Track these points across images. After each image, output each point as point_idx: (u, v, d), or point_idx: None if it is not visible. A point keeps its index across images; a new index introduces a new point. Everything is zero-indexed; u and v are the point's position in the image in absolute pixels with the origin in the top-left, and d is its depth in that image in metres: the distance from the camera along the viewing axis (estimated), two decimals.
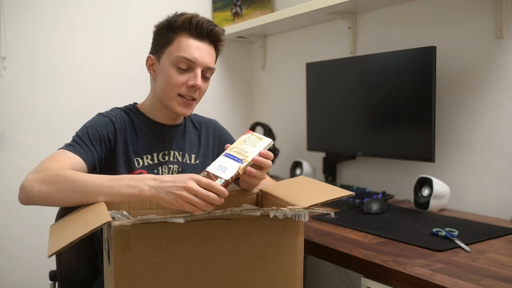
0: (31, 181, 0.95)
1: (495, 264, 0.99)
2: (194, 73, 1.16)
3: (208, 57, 1.19)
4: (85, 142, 1.11)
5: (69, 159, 1.05)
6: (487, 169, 1.47)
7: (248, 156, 1.01)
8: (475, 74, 1.49)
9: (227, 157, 1.01)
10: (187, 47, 1.16)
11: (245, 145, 1.04)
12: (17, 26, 1.79)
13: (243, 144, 1.05)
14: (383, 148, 1.64)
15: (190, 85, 1.16)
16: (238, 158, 1.00)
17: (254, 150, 1.03)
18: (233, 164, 0.99)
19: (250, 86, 2.53)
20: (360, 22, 1.87)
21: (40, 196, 0.94)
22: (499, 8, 1.39)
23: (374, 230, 1.26)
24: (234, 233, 0.85)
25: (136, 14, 2.06)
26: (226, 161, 1.00)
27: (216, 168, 0.98)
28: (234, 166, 0.98)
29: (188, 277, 0.81)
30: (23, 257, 1.82)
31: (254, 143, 1.05)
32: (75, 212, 0.90)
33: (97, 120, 1.18)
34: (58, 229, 0.85)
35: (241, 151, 1.02)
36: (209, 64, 1.19)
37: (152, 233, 0.79)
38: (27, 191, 0.95)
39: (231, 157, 1.01)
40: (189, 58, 1.15)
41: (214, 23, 1.20)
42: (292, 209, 0.85)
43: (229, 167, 0.98)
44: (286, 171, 2.21)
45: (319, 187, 1.06)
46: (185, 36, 1.17)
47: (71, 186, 0.93)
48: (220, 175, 0.96)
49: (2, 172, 1.78)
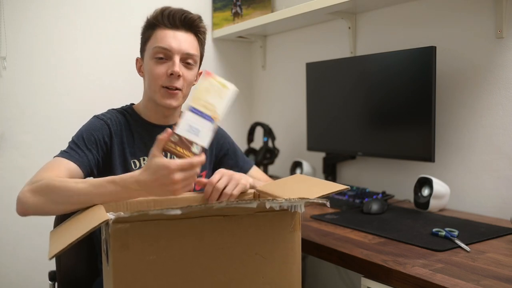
0: (25, 193, 0.97)
1: (495, 264, 0.99)
2: (172, 61, 1.16)
3: (186, 43, 1.18)
4: (80, 147, 1.12)
5: (64, 167, 1.06)
6: (487, 169, 1.47)
7: (217, 111, 0.94)
8: (475, 74, 1.49)
9: (195, 114, 0.93)
10: (162, 37, 1.16)
11: (210, 96, 0.94)
12: (17, 26, 1.79)
13: (207, 95, 0.94)
14: (383, 148, 1.64)
15: (169, 74, 1.16)
16: (208, 116, 0.92)
17: (222, 102, 0.94)
18: (204, 124, 0.92)
19: (250, 86, 2.53)
20: (360, 22, 1.87)
21: (34, 207, 0.96)
22: (499, 8, 1.39)
23: (374, 230, 1.26)
24: (231, 230, 0.85)
25: (136, 14, 2.06)
26: (196, 120, 0.92)
27: (187, 130, 0.91)
28: (206, 127, 0.92)
29: (186, 273, 0.82)
30: (23, 257, 1.82)
31: (220, 92, 0.95)
32: (74, 216, 0.91)
33: (92, 124, 1.18)
34: (58, 233, 0.86)
35: (208, 105, 0.93)
36: (187, 50, 1.17)
37: (150, 231, 0.79)
38: (22, 202, 0.97)
39: (200, 114, 0.92)
40: (164, 46, 1.15)
41: (187, 11, 1.20)
42: (288, 200, 0.85)
43: (201, 128, 0.92)
44: (286, 171, 2.21)
45: (315, 183, 1.06)
46: (161, 28, 1.18)
47: (61, 196, 0.93)
48: (195, 140, 0.91)
49: (2, 172, 1.78)
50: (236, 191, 1.07)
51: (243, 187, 1.08)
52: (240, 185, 1.08)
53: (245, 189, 1.09)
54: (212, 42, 2.34)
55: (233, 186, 1.07)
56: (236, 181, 1.07)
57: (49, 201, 0.94)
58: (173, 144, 0.90)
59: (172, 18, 1.17)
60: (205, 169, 1.32)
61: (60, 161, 1.08)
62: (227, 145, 1.39)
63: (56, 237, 0.84)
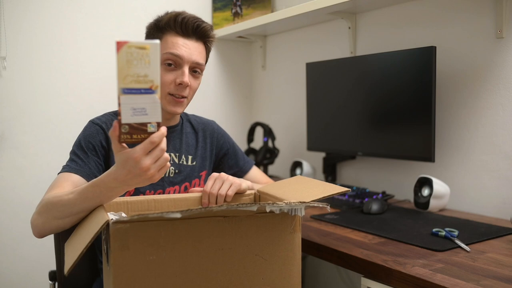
0: (34, 216, 1.00)
1: (495, 264, 0.99)
2: (182, 71, 1.16)
3: (196, 53, 1.18)
4: (81, 157, 1.12)
5: (68, 181, 1.07)
6: (487, 169, 1.47)
7: (153, 80, 0.79)
8: (475, 74, 1.49)
9: (131, 94, 0.78)
10: (174, 44, 1.15)
11: (135, 67, 0.78)
12: (17, 26, 1.79)
13: (131, 67, 0.78)
14: (383, 148, 1.64)
15: (178, 83, 1.16)
16: (145, 89, 0.78)
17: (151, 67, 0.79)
18: (146, 99, 0.78)
19: (250, 86, 2.53)
20: (360, 22, 1.87)
21: (44, 227, 0.98)
22: (499, 8, 1.39)
23: (374, 230, 1.26)
24: (231, 231, 0.85)
25: (137, 14, 2.06)
26: (136, 100, 0.78)
27: (132, 114, 0.78)
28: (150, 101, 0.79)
29: (186, 274, 0.82)
30: (23, 257, 1.82)
31: (143, 57, 0.78)
32: (80, 224, 0.93)
33: (88, 130, 1.18)
34: (70, 244, 0.87)
35: (138, 78, 0.78)
36: (197, 60, 1.18)
37: (150, 231, 0.79)
38: (34, 226, 0.99)
39: (136, 92, 0.78)
40: (175, 54, 1.15)
41: (200, 19, 1.19)
42: (288, 203, 0.85)
43: (145, 105, 0.79)
44: (286, 171, 2.21)
45: (315, 185, 1.06)
46: (172, 34, 1.17)
47: (59, 211, 0.94)
48: (145, 120, 0.79)
49: (2, 172, 1.78)
50: (231, 191, 1.07)
51: (237, 186, 1.08)
52: (235, 184, 1.08)
53: (240, 188, 1.10)
54: None
55: (227, 186, 1.07)
56: (230, 182, 1.08)
57: (53, 218, 0.96)
58: (127, 135, 0.80)
59: (185, 26, 1.16)
60: (205, 169, 1.32)
61: (64, 176, 1.09)
62: (227, 144, 1.40)
63: (69, 248, 0.85)
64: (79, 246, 0.77)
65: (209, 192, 1.06)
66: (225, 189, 1.07)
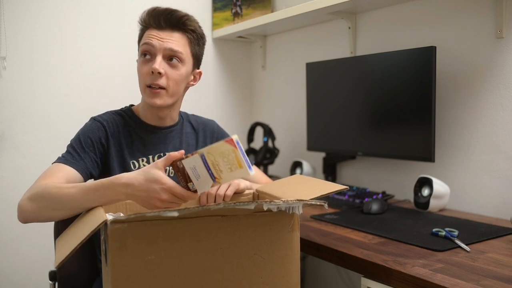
0: (24, 200, 0.98)
1: (495, 264, 0.99)
2: (155, 59, 1.16)
3: (170, 41, 1.16)
4: (78, 151, 1.12)
5: (62, 172, 1.06)
6: (487, 169, 1.47)
7: (221, 179, 0.90)
8: (475, 74, 1.49)
9: (203, 163, 0.88)
10: (147, 36, 1.17)
11: (222, 162, 0.87)
12: (17, 26, 1.79)
13: (221, 158, 0.86)
14: (383, 148, 1.64)
15: (150, 72, 1.15)
16: (213, 175, 0.89)
17: (229, 176, 0.88)
18: (206, 176, 0.89)
19: (250, 86, 2.53)
20: (360, 22, 1.87)
21: (33, 214, 0.97)
22: (499, 8, 1.39)
23: (374, 230, 1.26)
24: (230, 230, 0.85)
25: (137, 14, 2.05)
26: (201, 168, 0.89)
27: (192, 168, 0.89)
28: (206, 179, 0.89)
29: (185, 274, 0.82)
30: (23, 257, 1.82)
31: (232, 166, 0.87)
32: (76, 220, 0.92)
33: (88, 126, 1.18)
34: (63, 239, 0.87)
35: (217, 167, 0.88)
36: (170, 47, 1.15)
37: (148, 232, 0.79)
38: (22, 210, 0.98)
39: (207, 167, 0.88)
40: (147, 42, 1.16)
41: (174, 10, 1.18)
42: (286, 201, 0.85)
43: (202, 178, 0.89)
44: (286, 171, 2.21)
45: (314, 183, 1.06)
46: (148, 29, 1.19)
47: (56, 203, 0.94)
48: (193, 181, 0.90)
49: (2, 172, 1.78)
50: (229, 191, 1.07)
51: (236, 186, 1.09)
52: (233, 184, 1.09)
53: (239, 188, 1.10)
54: (212, 42, 2.34)
55: (225, 187, 1.08)
56: (228, 183, 1.08)
57: (46, 208, 0.95)
58: (176, 168, 0.91)
59: (157, 18, 1.17)
60: None
61: (58, 167, 1.08)
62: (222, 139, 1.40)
63: (61, 244, 0.85)
64: (73, 242, 0.77)
65: (207, 192, 1.06)
66: (223, 189, 1.07)
